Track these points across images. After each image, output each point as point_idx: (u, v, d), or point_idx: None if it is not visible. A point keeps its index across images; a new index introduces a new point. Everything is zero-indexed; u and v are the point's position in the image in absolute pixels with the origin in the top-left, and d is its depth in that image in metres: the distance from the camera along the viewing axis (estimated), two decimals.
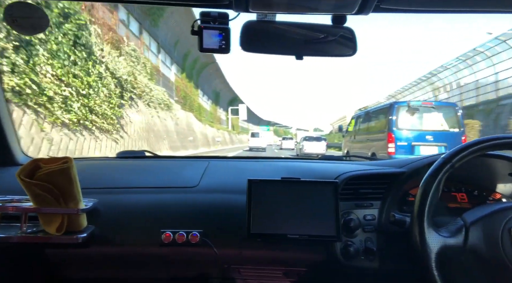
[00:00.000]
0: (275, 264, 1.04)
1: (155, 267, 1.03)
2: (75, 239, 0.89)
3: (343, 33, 0.87)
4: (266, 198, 0.97)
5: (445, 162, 0.82)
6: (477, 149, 0.81)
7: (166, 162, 1.48)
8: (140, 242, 0.98)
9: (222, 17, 0.82)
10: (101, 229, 0.97)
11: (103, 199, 1.01)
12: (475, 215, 0.80)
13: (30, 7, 0.87)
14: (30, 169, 0.86)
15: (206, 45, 0.82)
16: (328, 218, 0.96)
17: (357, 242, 1.01)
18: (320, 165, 1.34)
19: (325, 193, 0.98)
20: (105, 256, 1.00)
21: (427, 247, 0.76)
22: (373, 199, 1.07)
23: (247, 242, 0.98)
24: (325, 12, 0.82)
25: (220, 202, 1.05)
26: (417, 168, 1.08)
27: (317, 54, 0.89)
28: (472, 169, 1.05)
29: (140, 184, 1.12)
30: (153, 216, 1.00)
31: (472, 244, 0.76)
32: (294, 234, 0.94)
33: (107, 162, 1.42)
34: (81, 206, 0.90)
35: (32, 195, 0.86)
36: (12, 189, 0.98)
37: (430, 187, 0.80)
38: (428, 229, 0.78)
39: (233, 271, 1.04)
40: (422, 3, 0.82)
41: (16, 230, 0.89)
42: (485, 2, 0.82)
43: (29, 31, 0.91)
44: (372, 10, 0.78)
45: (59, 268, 1.03)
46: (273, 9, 0.80)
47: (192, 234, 0.95)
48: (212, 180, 1.16)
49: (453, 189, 1.10)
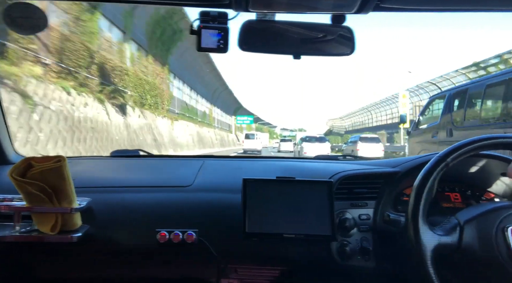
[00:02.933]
0: (271, 263, 1.04)
1: (150, 266, 1.02)
2: (69, 238, 0.88)
3: (341, 32, 0.87)
4: (261, 197, 0.97)
5: (439, 161, 0.82)
6: (471, 148, 0.82)
7: (160, 161, 1.47)
8: (135, 242, 0.98)
9: (222, 17, 0.81)
10: (95, 228, 0.96)
11: (97, 198, 1.00)
12: (469, 214, 0.81)
13: (29, 7, 0.87)
14: (23, 168, 0.85)
15: (205, 45, 0.82)
16: (323, 217, 0.96)
17: (353, 241, 1.01)
18: (315, 164, 1.34)
19: (320, 192, 0.98)
20: (100, 255, 0.99)
21: (422, 246, 0.77)
22: (368, 199, 1.07)
23: (243, 242, 0.98)
24: (324, 11, 0.81)
25: (215, 201, 1.05)
26: (411, 167, 1.09)
27: (315, 53, 0.89)
28: (466, 168, 1.07)
29: (134, 183, 1.11)
30: (148, 215, 1.00)
31: (466, 243, 0.77)
32: (289, 233, 0.95)
33: (101, 161, 1.41)
34: (74, 205, 0.89)
35: (24, 194, 0.85)
36: (4, 188, 0.96)
37: (424, 186, 0.81)
38: (422, 228, 0.78)
39: (230, 271, 1.04)
40: (422, 2, 0.82)
41: (9, 230, 0.87)
42: (486, 1, 0.82)
43: (28, 31, 0.90)
44: (372, 9, 0.78)
45: (54, 268, 1.02)
46: (273, 8, 0.79)
47: (188, 234, 0.95)
48: (207, 179, 1.16)
49: (446, 188, 1.11)
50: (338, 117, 63.88)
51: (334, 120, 70.29)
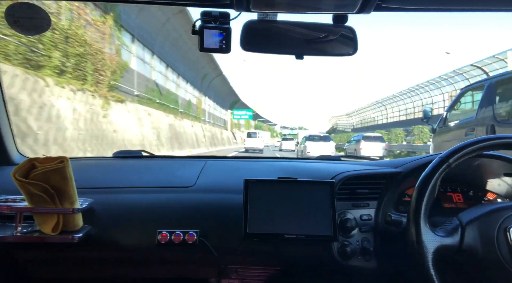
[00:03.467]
0: (272, 264, 1.04)
1: (151, 267, 1.02)
2: (71, 239, 0.88)
3: (344, 32, 0.87)
4: (262, 197, 0.97)
5: (442, 162, 0.82)
6: (473, 149, 0.82)
7: (162, 161, 1.47)
8: (137, 242, 0.98)
9: (223, 17, 0.81)
10: (97, 228, 0.96)
11: (99, 198, 1.00)
12: (471, 215, 0.81)
13: (32, 7, 0.86)
14: (26, 169, 0.85)
15: (207, 45, 0.82)
16: (324, 218, 0.96)
17: (354, 242, 1.01)
18: (317, 164, 1.34)
19: (321, 193, 0.98)
20: (101, 256, 0.99)
21: (423, 247, 0.77)
22: (370, 199, 1.07)
23: (244, 242, 0.98)
24: (326, 11, 0.81)
25: (216, 201, 1.05)
26: (414, 167, 1.08)
27: (317, 53, 0.89)
28: (468, 169, 1.06)
29: (136, 184, 1.11)
30: (149, 215, 1.00)
31: (468, 243, 0.77)
32: (291, 234, 0.95)
33: (103, 162, 1.41)
34: (76, 206, 0.89)
35: (27, 194, 0.85)
36: (7, 188, 0.96)
37: (426, 187, 0.81)
38: (424, 228, 0.78)
39: (231, 271, 1.05)
40: (424, 2, 0.81)
41: (11, 230, 0.88)
42: (487, 1, 0.82)
43: (31, 32, 0.90)
44: (373, 9, 0.78)
45: (55, 268, 1.02)
46: (275, 8, 0.79)
47: (189, 234, 0.95)
48: (209, 179, 1.16)
49: (449, 189, 1.11)
50: (345, 113, 60.47)
51: (338, 118, 67.33)
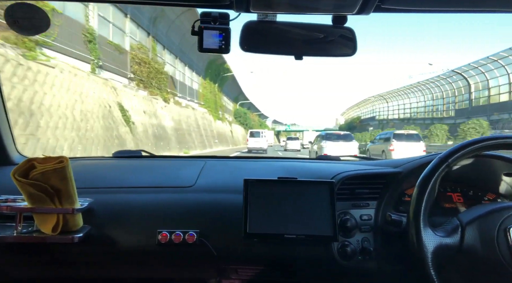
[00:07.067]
0: (272, 264, 1.04)
1: (151, 267, 1.02)
2: (70, 239, 0.88)
3: (343, 33, 0.87)
4: (262, 197, 0.97)
5: (441, 162, 0.82)
6: (472, 149, 0.82)
7: (162, 161, 1.47)
8: (137, 242, 0.97)
9: (223, 18, 0.81)
10: (97, 229, 0.96)
11: (99, 198, 1.00)
12: (470, 215, 0.81)
13: (31, 8, 0.86)
14: (25, 169, 0.85)
15: (206, 46, 0.82)
16: (324, 218, 0.96)
17: (354, 242, 1.01)
18: (317, 164, 1.34)
19: (321, 193, 0.98)
20: (101, 256, 0.99)
21: (423, 247, 0.77)
22: (370, 199, 1.07)
23: (244, 242, 0.98)
24: (325, 12, 0.81)
25: (216, 201, 1.05)
26: (413, 168, 1.08)
27: (316, 54, 0.89)
28: (468, 169, 1.06)
29: (136, 184, 1.11)
30: (149, 215, 1.00)
31: (468, 243, 0.77)
32: (291, 234, 0.95)
33: (103, 162, 1.41)
34: (76, 206, 0.89)
35: (27, 194, 0.85)
36: (7, 188, 0.96)
37: (426, 187, 0.81)
38: (424, 228, 0.78)
39: (231, 271, 1.04)
40: (423, 3, 0.81)
41: (11, 230, 0.88)
42: (487, 2, 0.82)
43: (30, 32, 0.90)
44: (373, 10, 0.78)
45: (55, 268, 1.02)
46: (274, 9, 0.79)
47: (189, 234, 0.95)
48: (209, 179, 1.16)
49: (448, 189, 1.11)
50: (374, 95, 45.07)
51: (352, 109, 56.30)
